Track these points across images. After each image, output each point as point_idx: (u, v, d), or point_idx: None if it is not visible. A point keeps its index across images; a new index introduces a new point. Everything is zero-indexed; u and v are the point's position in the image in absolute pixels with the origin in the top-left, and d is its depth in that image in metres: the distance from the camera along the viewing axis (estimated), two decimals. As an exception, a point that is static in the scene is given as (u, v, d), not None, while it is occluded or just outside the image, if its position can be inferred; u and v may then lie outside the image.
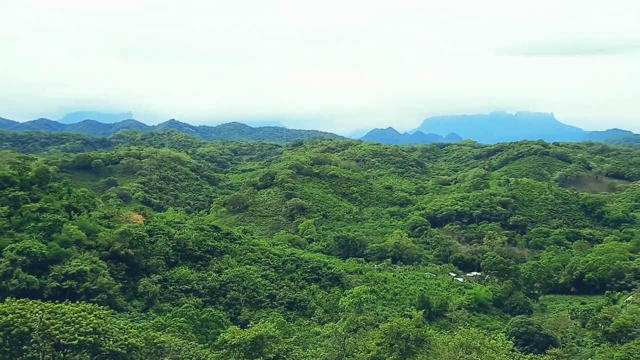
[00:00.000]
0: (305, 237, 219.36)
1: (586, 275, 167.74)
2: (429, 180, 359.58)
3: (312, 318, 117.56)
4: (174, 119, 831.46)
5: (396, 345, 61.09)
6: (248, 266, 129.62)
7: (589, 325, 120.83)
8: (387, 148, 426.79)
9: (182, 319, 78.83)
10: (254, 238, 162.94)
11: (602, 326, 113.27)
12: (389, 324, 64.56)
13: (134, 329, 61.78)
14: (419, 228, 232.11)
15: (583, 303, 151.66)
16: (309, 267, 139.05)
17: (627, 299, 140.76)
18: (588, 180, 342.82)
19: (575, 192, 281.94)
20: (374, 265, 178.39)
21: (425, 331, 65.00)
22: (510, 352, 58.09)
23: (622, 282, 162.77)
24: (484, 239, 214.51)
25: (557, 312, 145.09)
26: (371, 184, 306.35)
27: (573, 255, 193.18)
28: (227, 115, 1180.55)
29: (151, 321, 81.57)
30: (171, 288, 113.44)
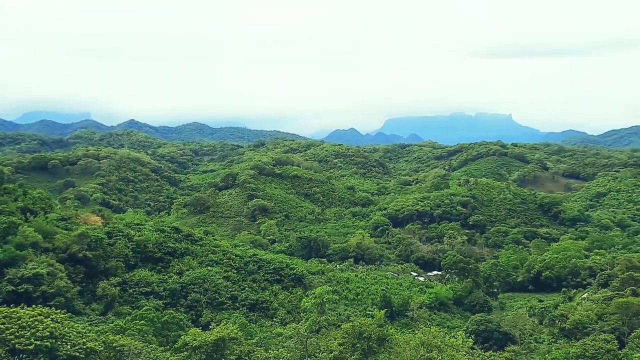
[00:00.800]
0: (268, 238, 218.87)
1: (543, 274, 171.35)
2: (390, 181, 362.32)
3: (274, 319, 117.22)
4: (133, 119, 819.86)
5: (358, 345, 61.35)
6: (209, 268, 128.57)
7: (546, 323, 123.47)
8: (349, 149, 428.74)
9: (142, 321, 77.69)
10: (215, 239, 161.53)
11: (559, 323, 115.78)
12: (351, 324, 64.84)
13: (93, 332, 60.78)
14: (380, 228, 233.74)
15: (540, 301, 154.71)
16: (271, 268, 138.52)
17: (583, 296, 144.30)
18: (545, 180, 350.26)
19: (532, 192, 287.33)
20: (336, 266, 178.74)
21: (386, 330, 65.39)
22: (470, 350, 59.08)
23: (577, 279, 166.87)
24: (445, 238, 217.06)
25: (515, 310, 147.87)
26: (333, 184, 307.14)
27: (531, 254, 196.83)
28: (188, 116, 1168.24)
29: (110, 325, 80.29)
30: (131, 291, 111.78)
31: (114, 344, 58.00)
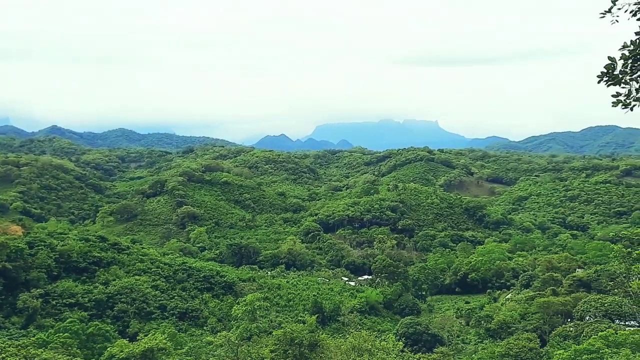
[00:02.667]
0: (197, 245, 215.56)
1: (469, 276, 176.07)
2: (321, 187, 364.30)
3: (204, 327, 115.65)
4: (56, 125, 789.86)
5: (290, 352, 61.08)
6: (137, 277, 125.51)
7: (472, 323, 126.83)
8: (279, 155, 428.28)
9: (66, 334, 74.92)
10: (143, 248, 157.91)
11: (485, 323, 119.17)
12: (282, 330, 64.47)
13: (12, 347, 57.95)
14: (312, 234, 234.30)
15: (467, 302, 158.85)
16: (201, 276, 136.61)
17: (507, 297, 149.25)
18: (470, 184, 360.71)
19: (458, 197, 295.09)
20: (267, 272, 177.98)
21: (318, 336, 65.40)
22: (401, 353, 59.79)
23: (501, 281, 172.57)
24: (375, 243, 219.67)
25: (443, 312, 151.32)
26: (264, 190, 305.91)
27: (457, 257, 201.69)
28: (113, 121, 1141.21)
29: (32, 338, 76.80)
30: (54, 302, 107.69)
31: (36, 359, 55.53)
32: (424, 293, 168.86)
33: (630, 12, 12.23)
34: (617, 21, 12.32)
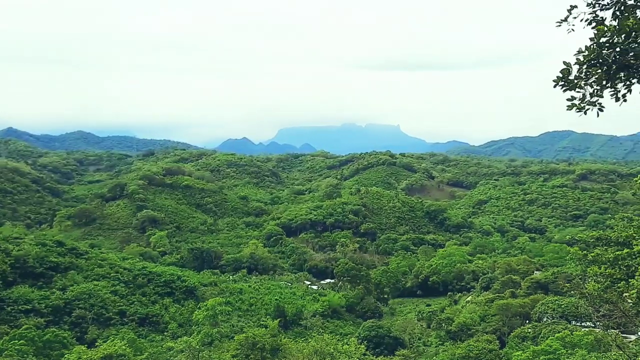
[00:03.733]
0: (158, 250, 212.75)
1: (431, 279, 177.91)
2: (284, 190, 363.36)
3: (165, 333, 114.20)
4: (12, 127, 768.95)
5: (252, 356, 60.79)
6: (96, 282, 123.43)
7: (433, 326, 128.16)
8: (242, 158, 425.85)
9: (21, 341, 73.13)
10: (102, 252, 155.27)
11: (445, 326, 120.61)
12: (244, 335, 64.17)
13: (-36, 356, 56.34)
14: (274, 238, 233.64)
15: (428, 305, 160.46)
16: (162, 280, 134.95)
17: (467, 299, 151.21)
18: (431, 188, 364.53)
19: (420, 200, 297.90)
20: (229, 277, 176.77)
21: (280, 340, 65.31)
22: (363, 356, 59.99)
23: (462, 283, 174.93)
24: (337, 246, 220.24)
25: (405, 315, 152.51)
26: (226, 194, 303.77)
27: (419, 260, 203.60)
28: (71, 124, 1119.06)
29: (-15, 346, 74.76)
30: (9, 309, 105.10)
31: (-11, 367, 54.06)
32: (386, 296, 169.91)
33: (586, 20, 12.54)
34: (573, 30, 12.63)
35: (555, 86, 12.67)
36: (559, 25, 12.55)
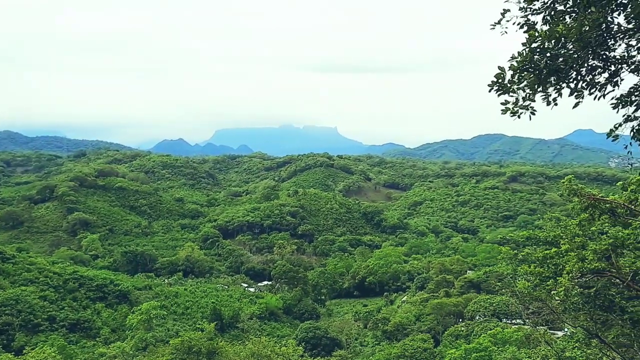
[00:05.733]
0: (90, 253, 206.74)
1: (367, 279, 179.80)
2: (220, 192, 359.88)
3: (97, 339, 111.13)
4: None
5: (187, 360, 59.80)
6: (23, 287, 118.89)
7: (370, 326, 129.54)
8: (177, 159, 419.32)
9: (-59, 351, 69.45)
10: (30, 257, 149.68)
11: (382, 326, 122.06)
12: (180, 339, 63.08)
13: None
14: (210, 240, 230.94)
15: (365, 305, 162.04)
16: (94, 285, 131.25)
17: (403, 299, 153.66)
18: (368, 190, 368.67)
19: (357, 202, 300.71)
20: (164, 280, 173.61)
21: (217, 343, 64.51)
22: (300, 358, 59.95)
23: (398, 283, 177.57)
24: (275, 248, 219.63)
25: (342, 316, 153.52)
26: (161, 196, 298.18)
27: (356, 261, 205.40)
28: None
29: None
30: None
31: None
32: (323, 297, 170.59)
33: (518, 24, 12.88)
34: (506, 32, 12.94)
35: (490, 90, 12.96)
36: (493, 28, 12.84)
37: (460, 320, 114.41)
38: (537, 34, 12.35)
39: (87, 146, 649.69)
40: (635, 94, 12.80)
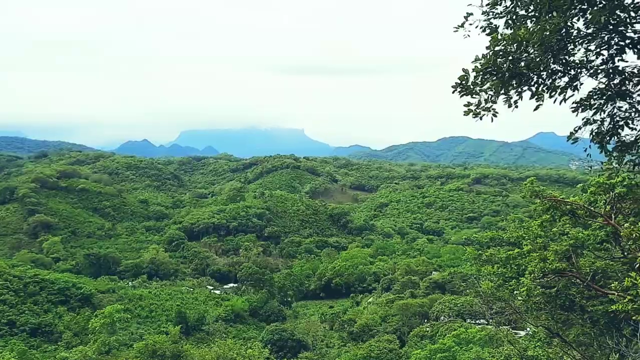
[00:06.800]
0: (51, 256, 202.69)
1: (334, 281, 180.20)
2: (186, 194, 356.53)
3: (59, 343, 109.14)
4: None
5: (152, 364, 59.10)
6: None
7: (336, 328, 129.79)
8: (142, 161, 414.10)
9: None
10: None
11: (348, 327, 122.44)
12: (144, 342, 62.33)
13: None
14: (176, 242, 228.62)
15: (331, 307, 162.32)
16: (56, 288, 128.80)
17: (369, 300, 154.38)
18: (335, 192, 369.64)
19: (323, 203, 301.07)
20: (128, 283, 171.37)
21: (182, 346, 63.95)
22: (266, 360, 59.80)
23: (364, 285, 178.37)
24: (241, 250, 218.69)
25: (308, 317, 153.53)
26: (125, 198, 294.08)
27: (322, 263, 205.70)
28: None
29: None
30: None
31: None
32: (289, 299, 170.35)
33: (481, 28, 13.06)
34: (468, 36, 13.10)
35: (453, 92, 13.11)
36: (456, 31, 12.99)
37: (426, 320, 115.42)
38: (500, 38, 12.53)
39: (48, 147, 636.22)
40: (594, 97, 13.07)
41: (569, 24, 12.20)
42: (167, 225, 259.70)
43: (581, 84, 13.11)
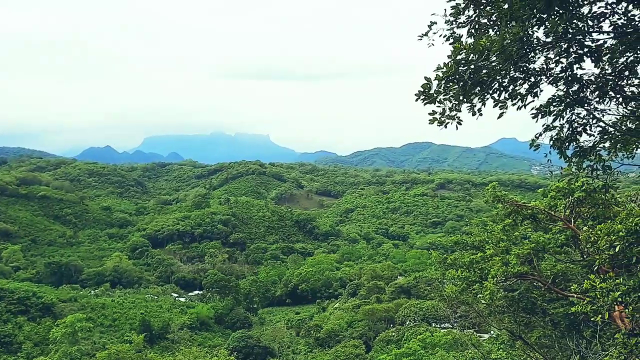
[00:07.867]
0: (11, 265, 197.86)
1: (300, 287, 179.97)
2: (150, 200, 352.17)
3: (19, 354, 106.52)
4: None
5: (115, 374, 58.17)
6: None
7: (302, 334, 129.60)
8: (104, 167, 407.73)
9: None
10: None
11: (314, 333, 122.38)
12: (106, 352, 61.32)
13: None
14: (139, 249, 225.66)
15: (297, 313, 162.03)
16: (15, 298, 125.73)
17: (335, 306, 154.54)
18: (300, 198, 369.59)
19: (289, 209, 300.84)
20: (90, 291, 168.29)
21: (145, 355, 63.10)
22: (232, 367, 59.38)
23: (330, 290, 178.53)
24: (206, 257, 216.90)
25: (274, 324, 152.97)
26: (87, 205, 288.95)
27: (288, 269, 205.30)
28: None
29: None
30: None
31: None
32: (255, 306, 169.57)
33: (444, 37, 13.28)
34: (433, 44, 13.31)
35: (417, 100, 13.26)
36: (420, 39, 13.17)
37: (391, 325, 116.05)
38: (461, 47, 12.73)
39: (7, 153, 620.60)
40: (554, 104, 13.37)
41: (529, 32, 12.47)
42: (131, 232, 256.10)
43: (541, 90, 13.39)
